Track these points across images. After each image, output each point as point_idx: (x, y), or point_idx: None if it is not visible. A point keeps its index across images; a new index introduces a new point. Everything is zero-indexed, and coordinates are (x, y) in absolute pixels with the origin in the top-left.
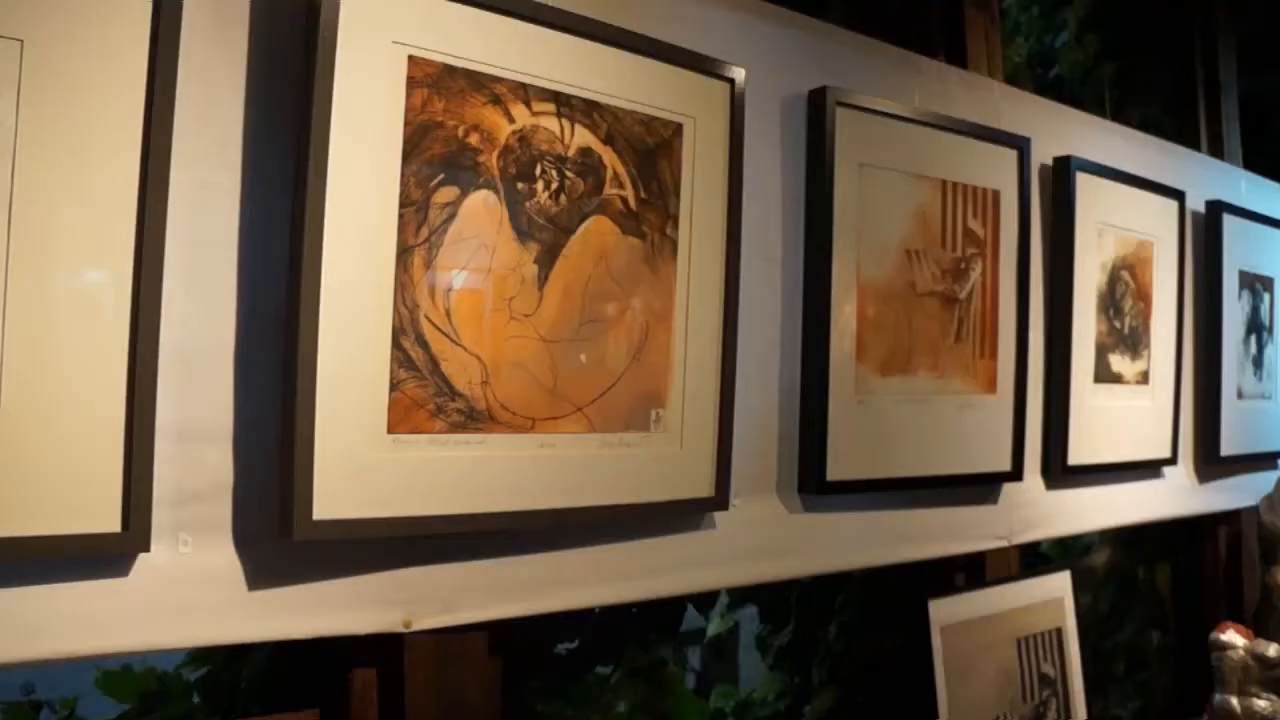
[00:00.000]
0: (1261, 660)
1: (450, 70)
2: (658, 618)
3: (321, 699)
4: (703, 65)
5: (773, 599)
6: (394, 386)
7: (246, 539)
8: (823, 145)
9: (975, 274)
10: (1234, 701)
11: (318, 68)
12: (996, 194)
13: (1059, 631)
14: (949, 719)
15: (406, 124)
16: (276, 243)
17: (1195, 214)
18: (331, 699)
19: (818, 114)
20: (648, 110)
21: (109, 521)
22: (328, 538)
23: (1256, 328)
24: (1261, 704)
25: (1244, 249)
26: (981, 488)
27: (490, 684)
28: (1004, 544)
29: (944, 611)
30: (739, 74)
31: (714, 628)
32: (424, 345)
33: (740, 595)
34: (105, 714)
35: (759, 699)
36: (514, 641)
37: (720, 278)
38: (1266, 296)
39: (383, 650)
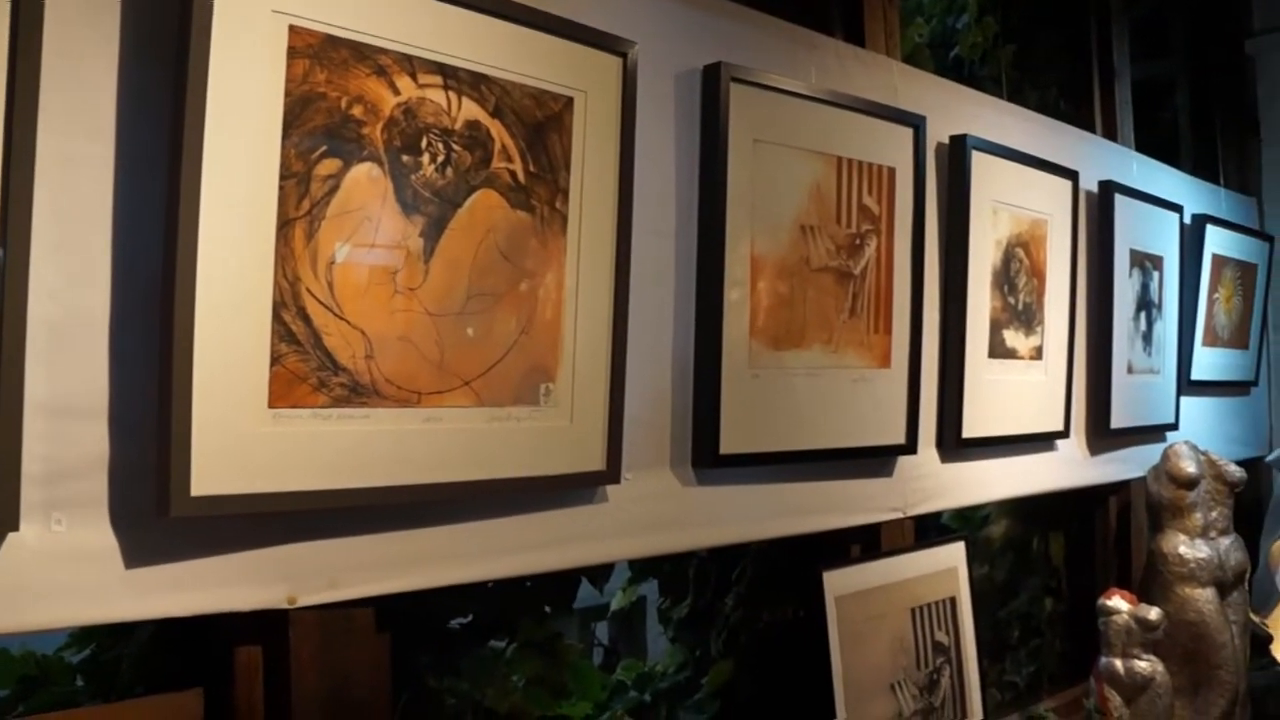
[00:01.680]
0: (1143, 623)
1: (333, 40)
2: (553, 591)
3: (206, 678)
4: (594, 39)
5: (673, 572)
6: (275, 360)
7: (123, 517)
8: (717, 121)
9: (870, 250)
10: (1118, 663)
11: (193, 36)
12: (892, 171)
13: (953, 600)
14: (844, 687)
15: (287, 95)
16: (152, 214)
17: (1088, 193)
18: (216, 677)
19: (712, 89)
20: (537, 84)
21: None
22: (207, 514)
23: (1146, 305)
24: (1142, 665)
25: (1135, 228)
26: (876, 460)
27: (378, 659)
28: (899, 516)
29: (838, 582)
30: (632, 48)
31: (618, 602)
32: (306, 319)
33: (642, 569)
34: None
35: (661, 671)
36: (404, 617)
37: (611, 252)
38: (1156, 274)
39: (268, 627)
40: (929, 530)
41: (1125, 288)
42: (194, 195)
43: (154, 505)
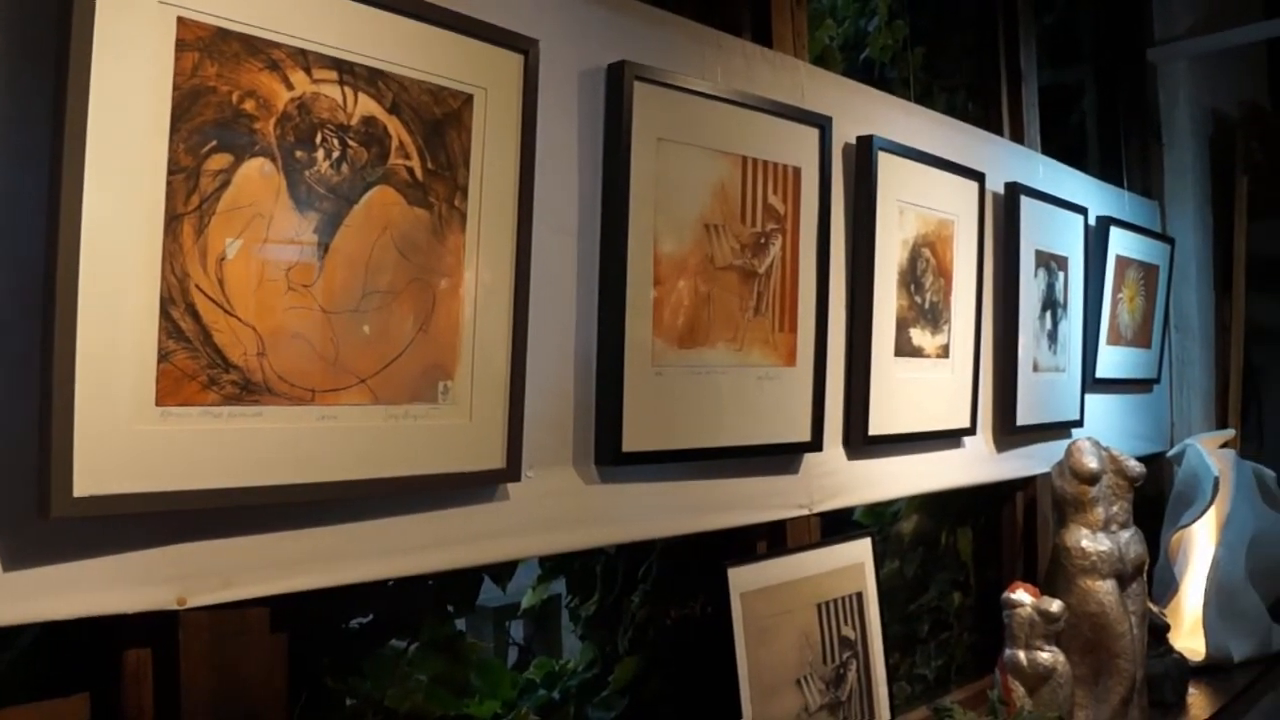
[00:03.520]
0: (1045, 616)
1: (223, 33)
2: (455, 590)
3: (92, 682)
4: (495, 36)
5: (581, 569)
6: (162, 358)
7: (2, 518)
8: (620, 119)
9: (775, 249)
10: (1021, 655)
11: (74, 27)
12: (798, 171)
13: (859, 595)
14: (750, 682)
15: (175, 88)
16: (34, 209)
17: (995, 195)
18: (103, 682)
19: (616, 88)
20: (436, 80)
21: None
22: (90, 514)
23: (1051, 304)
24: (1044, 656)
25: (1040, 229)
26: (782, 458)
27: (273, 660)
28: (805, 512)
29: (744, 578)
30: (534, 46)
31: (529, 600)
32: (195, 315)
33: (551, 567)
34: None
35: (570, 669)
36: (302, 617)
37: (511, 250)
38: (1061, 275)
39: (157, 629)
40: (843, 526)
41: (1031, 287)
42: (76, 190)
43: (35, 506)
